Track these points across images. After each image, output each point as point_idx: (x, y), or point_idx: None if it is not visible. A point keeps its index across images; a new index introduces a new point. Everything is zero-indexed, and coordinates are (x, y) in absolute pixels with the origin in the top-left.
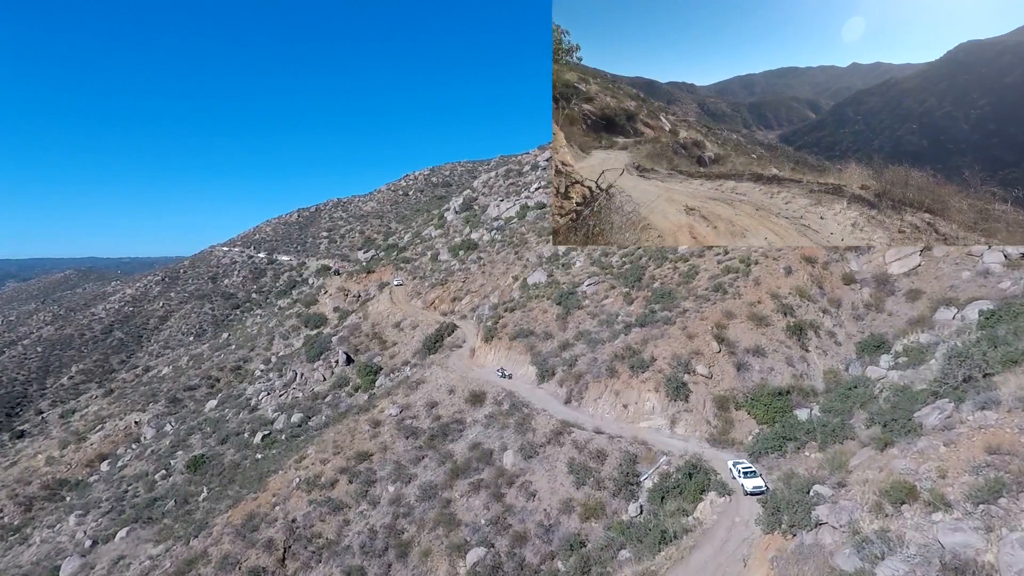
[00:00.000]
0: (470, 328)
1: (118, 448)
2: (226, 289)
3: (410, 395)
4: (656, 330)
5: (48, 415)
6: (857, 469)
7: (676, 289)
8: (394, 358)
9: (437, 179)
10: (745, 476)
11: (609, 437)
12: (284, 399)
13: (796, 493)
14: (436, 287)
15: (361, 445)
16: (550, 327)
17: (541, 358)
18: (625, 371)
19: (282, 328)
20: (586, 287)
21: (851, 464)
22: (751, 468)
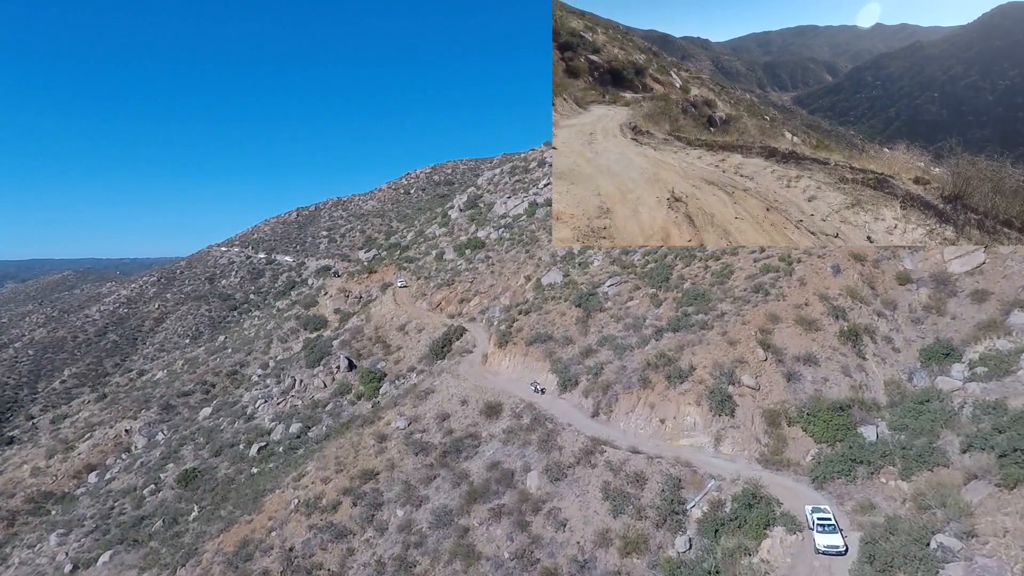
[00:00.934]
0: (480, 331)
1: (107, 458)
2: (223, 290)
3: (419, 406)
4: (692, 335)
5: (39, 421)
6: (982, 513)
7: (710, 290)
8: (399, 363)
9: (439, 177)
10: (821, 528)
11: (648, 458)
12: (282, 407)
13: (911, 543)
14: (442, 288)
15: (366, 462)
16: (570, 331)
17: (562, 365)
18: (660, 381)
19: (280, 331)
20: (607, 288)
21: (970, 504)
22: (830, 519)
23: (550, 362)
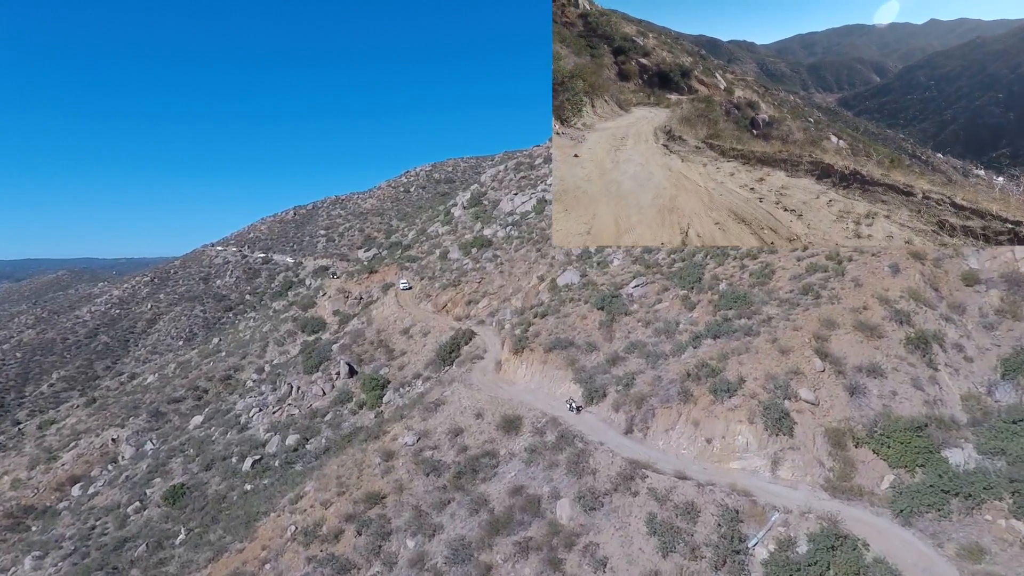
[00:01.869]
0: (490, 335)
1: (92, 469)
2: (218, 290)
3: (428, 419)
4: (736, 342)
5: (25, 426)
6: None
7: (751, 292)
8: (403, 369)
9: (439, 175)
10: None
11: (698, 485)
12: (278, 416)
13: None
14: (448, 288)
15: (371, 483)
16: (593, 337)
17: (586, 375)
18: (704, 395)
19: (277, 333)
20: (632, 289)
21: None
22: None
23: (572, 371)
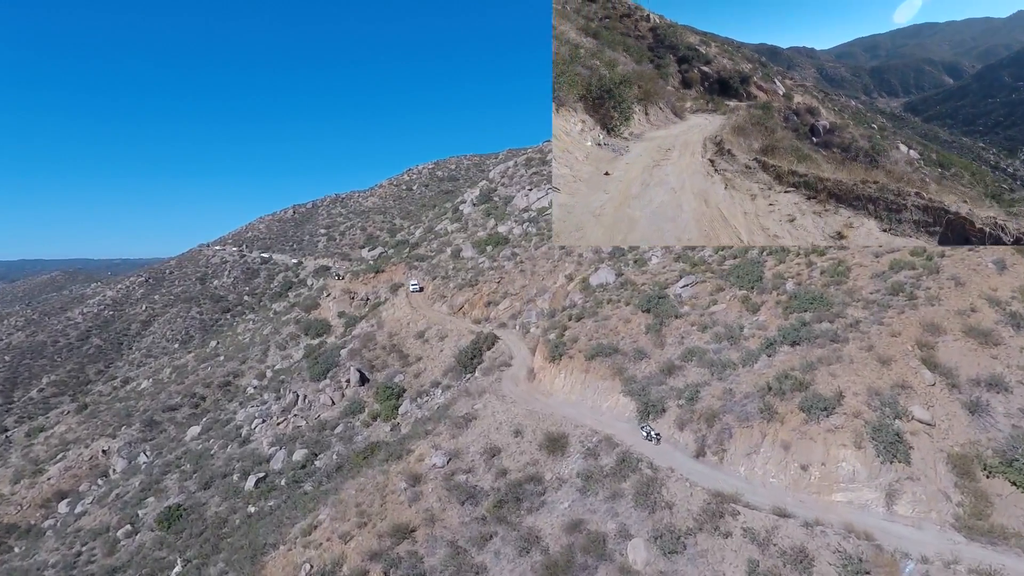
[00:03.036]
0: (514, 340)
1: (80, 483)
2: (215, 291)
3: (458, 436)
4: (820, 350)
5: (13, 433)
6: None
7: (827, 292)
8: (420, 377)
9: (443, 173)
10: None
11: (805, 525)
12: (283, 428)
13: None
14: (464, 289)
15: (397, 513)
16: (640, 342)
17: (638, 386)
18: (793, 412)
19: (278, 336)
20: (680, 289)
21: None
22: None
23: (621, 381)
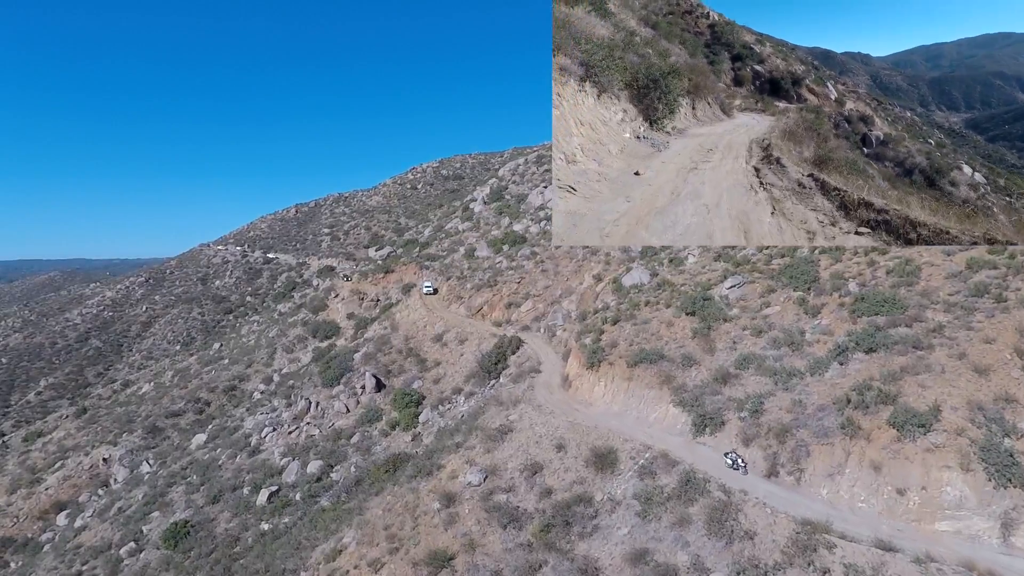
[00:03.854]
0: (540, 343)
1: (80, 494)
2: (217, 292)
3: (494, 451)
4: (902, 358)
5: (10, 439)
6: None
7: (900, 294)
8: (440, 383)
9: (447, 172)
10: None
11: (917, 562)
12: (295, 438)
13: None
14: (483, 290)
15: (432, 537)
16: (688, 348)
17: (690, 396)
18: (881, 428)
19: (285, 339)
20: (726, 290)
21: None
22: None
23: (669, 390)
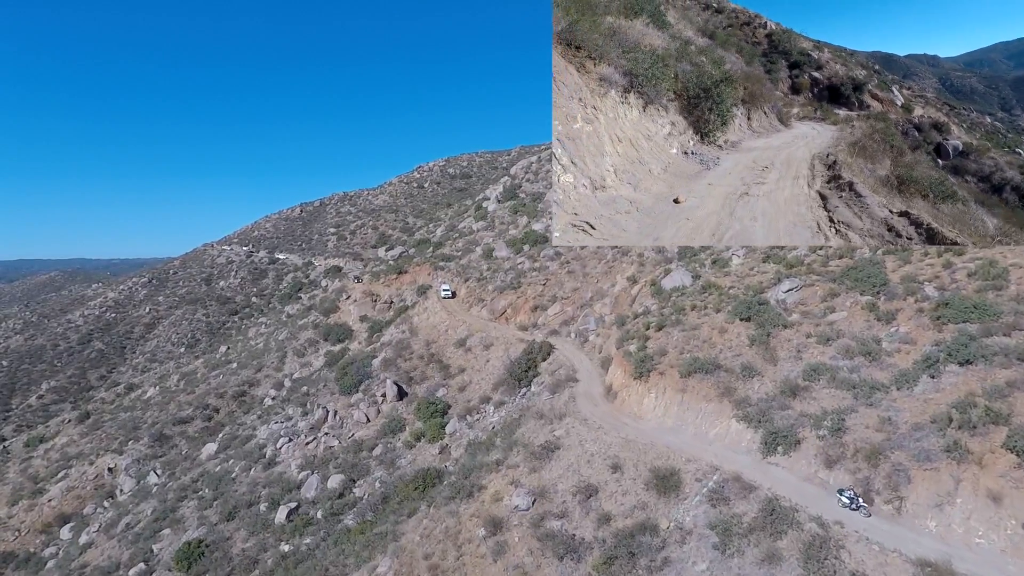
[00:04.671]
0: (571, 349)
1: (84, 506)
2: (222, 292)
3: (541, 470)
4: (1007, 371)
5: (11, 444)
6: None
7: (989, 299)
8: (465, 391)
9: (454, 170)
10: None
11: None
12: (313, 449)
13: None
14: (506, 291)
15: (479, 569)
16: (746, 357)
17: (755, 411)
18: (996, 452)
19: (296, 342)
20: (782, 294)
21: None
22: None
23: (730, 404)
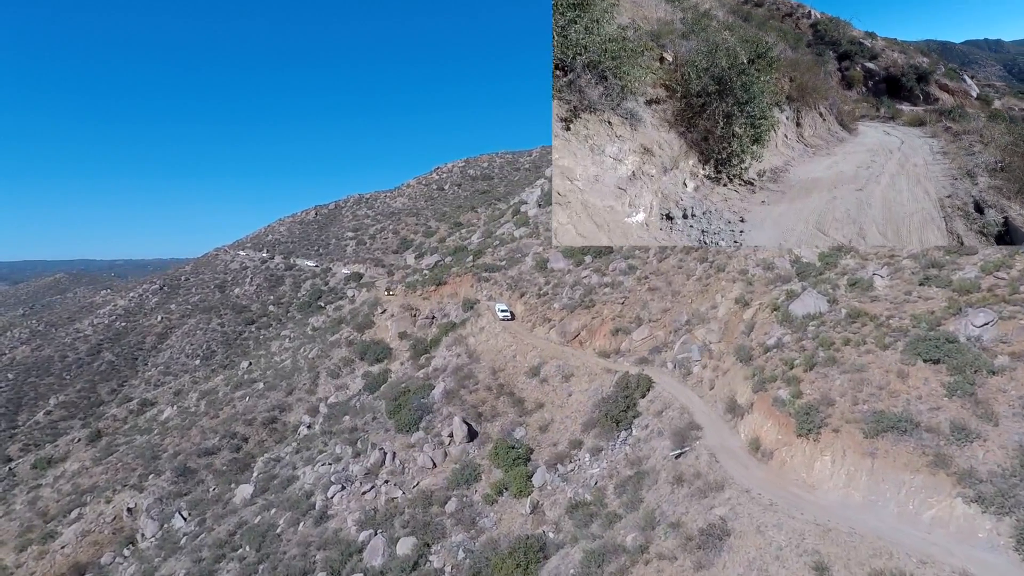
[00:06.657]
0: (671, 383)
1: (102, 554)
2: (237, 300)
3: (710, 568)
4: None
5: (17, 465)
6: None
7: None
8: (547, 431)
9: (475, 172)
10: None
11: None
12: (372, 500)
13: None
14: (577, 311)
15: None
16: (948, 411)
17: (992, 490)
18: None
19: (328, 361)
20: (976, 329)
21: None
22: None
23: (950, 478)
